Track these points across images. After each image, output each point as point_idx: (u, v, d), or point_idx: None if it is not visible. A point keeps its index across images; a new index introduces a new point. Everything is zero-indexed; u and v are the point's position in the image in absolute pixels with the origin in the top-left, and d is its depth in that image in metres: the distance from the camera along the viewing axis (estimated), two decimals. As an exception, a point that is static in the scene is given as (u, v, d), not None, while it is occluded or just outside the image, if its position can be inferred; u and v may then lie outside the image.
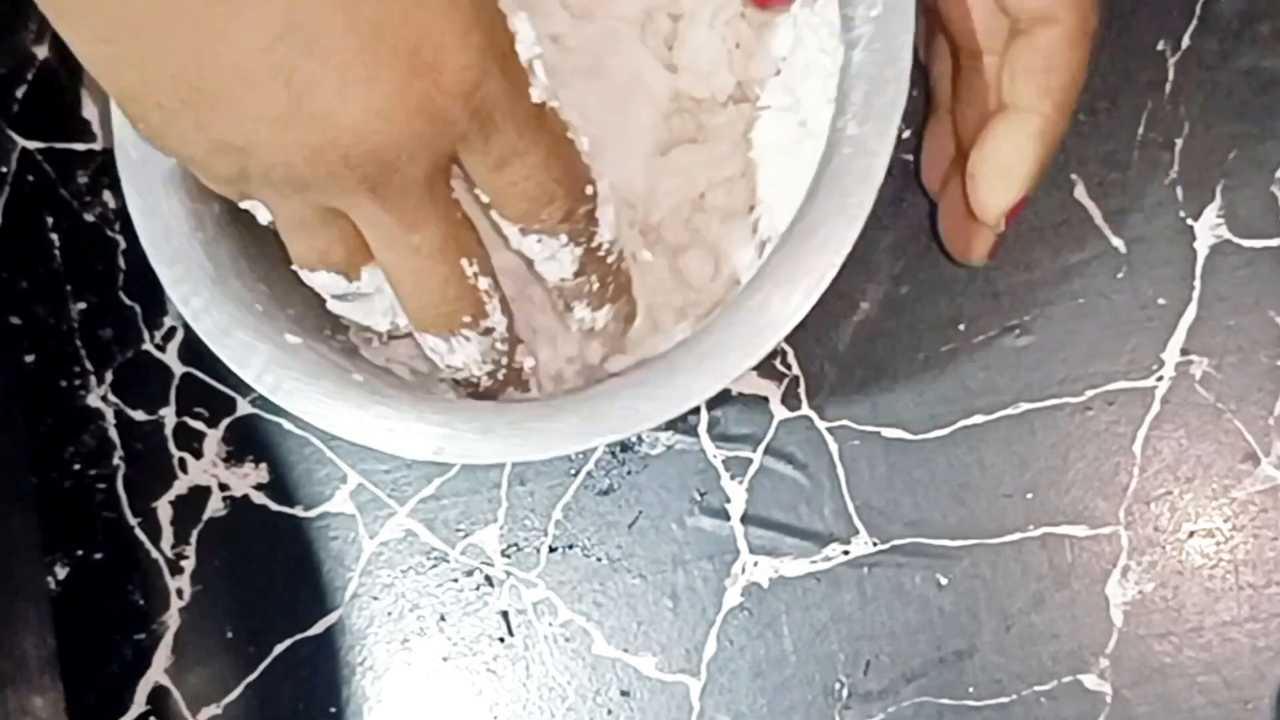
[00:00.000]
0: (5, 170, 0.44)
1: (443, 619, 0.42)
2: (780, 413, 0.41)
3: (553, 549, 0.42)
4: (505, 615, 0.42)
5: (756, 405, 0.41)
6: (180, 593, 0.43)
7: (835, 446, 0.41)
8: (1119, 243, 0.40)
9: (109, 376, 0.44)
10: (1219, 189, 0.40)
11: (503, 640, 0.42)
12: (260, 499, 0.43)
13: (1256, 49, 0.40)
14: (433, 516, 0.42)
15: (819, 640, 0.41)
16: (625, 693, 0.41)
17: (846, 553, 0.41)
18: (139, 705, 0.43)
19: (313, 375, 0.32)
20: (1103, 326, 0.40)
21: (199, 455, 0.43)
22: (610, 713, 0.41)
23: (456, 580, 0.42)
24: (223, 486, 0.43)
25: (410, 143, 0.27)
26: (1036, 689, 0.40)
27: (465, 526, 0.42)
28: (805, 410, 0.41)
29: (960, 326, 0.41)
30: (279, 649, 0.42)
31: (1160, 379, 0.40)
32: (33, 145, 0.44)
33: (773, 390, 0.41)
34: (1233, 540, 0.39)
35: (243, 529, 0.43)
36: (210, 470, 0.43)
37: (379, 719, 0.42)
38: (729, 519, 0.41)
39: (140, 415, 0.43)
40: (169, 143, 0.28)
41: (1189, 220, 0.40)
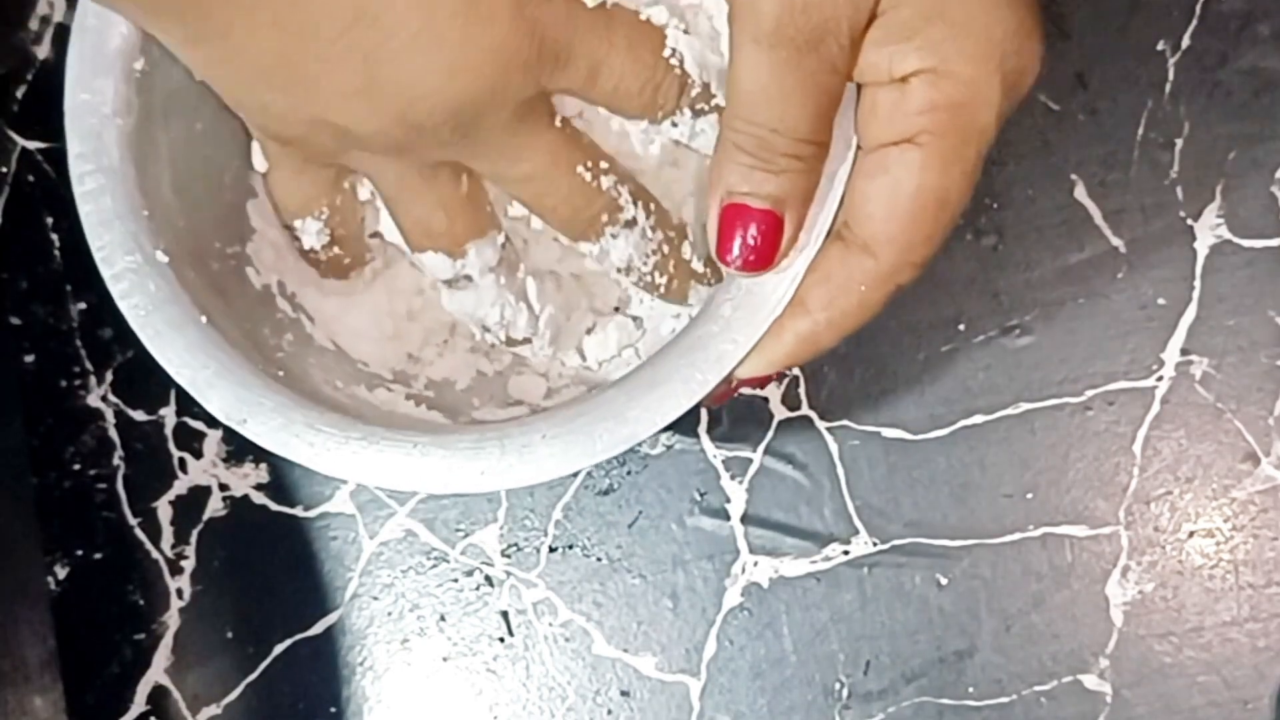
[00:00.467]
0: (5, 170, 0.44)
1: (443, 619, 0.42)
2: (780, 413, 0.41)
3: (553, 549, 0.42)
4: (505, 615, 0.42)
5: (756, 405, 0.41)
6: (180, 593, 0.43)
7: (835, 446, 0.41)
8: (1119, 243, 0.40)
9: (109, 376, 0.44)
10: (1219, 189, 0.40)
11: (503, 640, 0.42)
12: (260, 499, 0.43)
13: (1256, 49, 0.40)
14: (433, 516, 0.42)
15: (819, 640, 0.41)
16: (625, 693, 0.41)
17: (846, 553, 0.41)
18: (139, 705, 0.43)
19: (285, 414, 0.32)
20: (1103, 326, 0.40)
21: (199, 455, 0.43)
22: (610, 713, 0.41)
23: (456, 580, 0.42)
24: (223, 486, 0.43)
25: (486, 91, 0.28)
26: (1036, 689, 0.40)
27: (465, 526, 0.42)
28: (805, 410, 0.41)
29: (960, 326, 0.41)
30: (279, 649, 0.42)
31: (1160, 379, 0.40)
32: (33, 145, 0.44)
33: (773, 390, 0.41)
34: (1233, 540, 0.39)
35: (243, 529, 0.43)
36: (210, 470, 0.43)
37: (379, 719, 0.42)
38: (729, 519, 0.41)
39: (140, 415, 0.43)
40: (272, 126, 0.31)
41: (1189, 220, 0.40)
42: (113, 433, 0.43)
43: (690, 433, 0.41)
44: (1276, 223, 0.40)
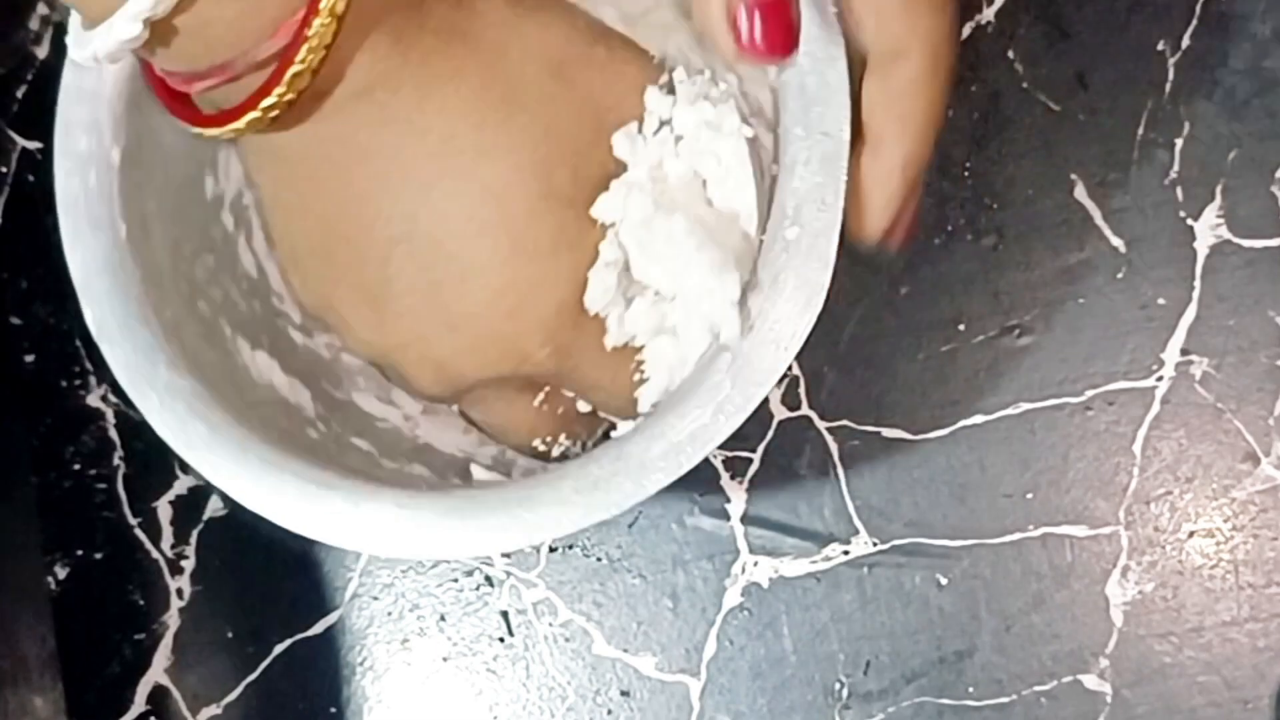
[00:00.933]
0: (5, 170, 0.44)
1: (443, 619, 0.42)
2: (780, 413, 0.41)
3: (553, 549, 0.42)
4: (505, 615, 0.42)
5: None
6: (180, 593, 0.43)
7: (835, 446, 0.41)
8: (1119, 243, 0.40)
9: (109, 376, 0.43)
10: (1219, 189, 0.40)
11: (503, 640, 0.42)
12: (260, 499, 0.43)
13: (1256, 49, 0.40)
14: (433, 516, 0.42)
15: (819, 640, 0.41)
16: (625, 693, 0.41)
17: (846, 553, 0.41)
18: (139, 705, 0.43)
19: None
20: (1103, 326, 0.40)
21: (199, 455, 0.43)
22: (610, 713, 0.41)
23: (456, 580, 0.42)
24: (223, 486, 0.43)
25: (486, 361, 0.29)
26: (1036, 689, 0.40)
27: (465, 526, 0.42)
28: (805, 410, 0.41)
29: (960, 326, 0.41)
30: (279, 649, 0.42)
31: (1160, 379, 0.40)
32: (33, 145, 0.44)
33: (773, 390, 0.41)
34: (1233, 540, 0.39)
35: (243, 529, 0.43)
36: (210, 470, 0.43)
37: (379, 719, 0.42)
38: (729, 519, 0.41)
39: (140, 415, 0.43)
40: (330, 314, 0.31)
41: (1189, 220, 0.40)
42: (113, 432, 0.43)
43: (690, 433, 0.41)
44: (1276, 223, 0.40)
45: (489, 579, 0.42)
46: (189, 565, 0.43)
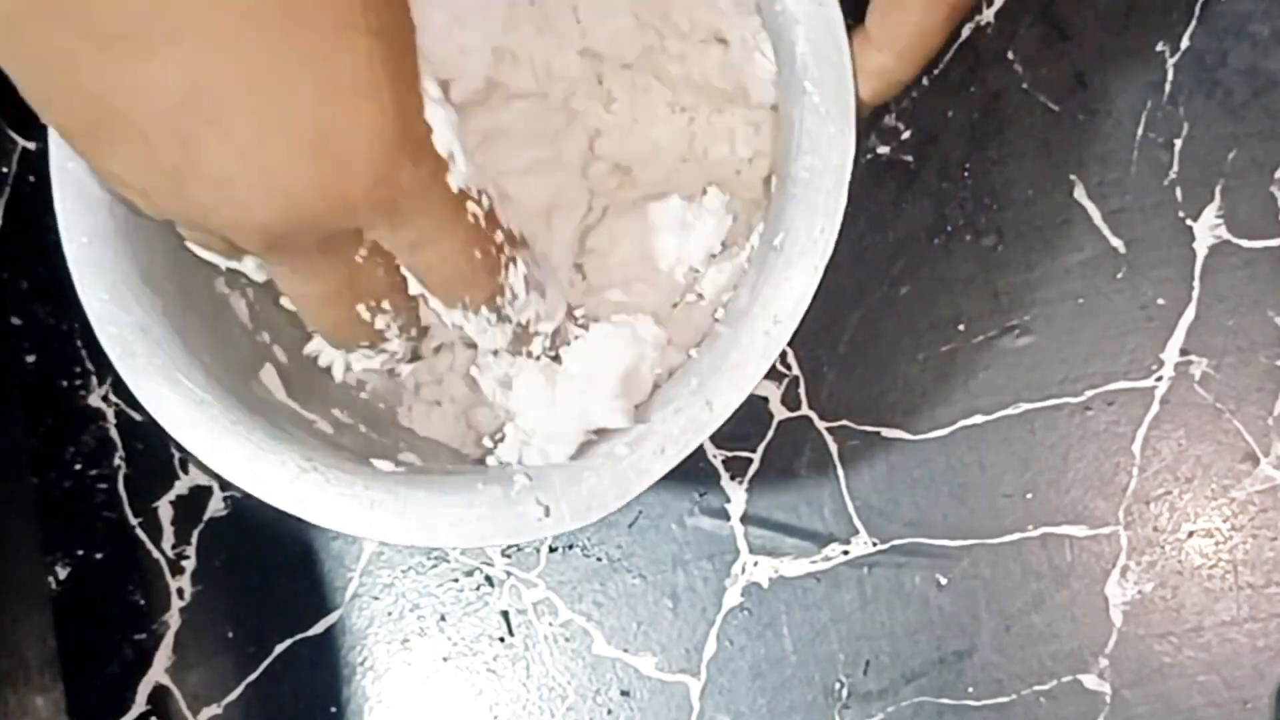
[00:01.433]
0: (6, 170, 0.44)
1: (443, 619, 0.42)
2: (780, 413, 0.41)
3: (553, 549, 0.42)
4: (505, 615, 0.42)
5: (756, 405, 0.41)
6: (181, 593, 0.43)
7: (835, 446, 0.41)
8: (1119, 243, 0.40)
9: (110, 377, 0.44)
10: (1218, 189, 0.40)
11: (503, 640, 0.42)
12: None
13: (1256, 50, 0.40)
14: (433, 516, 0.42)
15: (819, 640, 0.41)
16: (625, 693, 0.41)
17: (846, 553, 0.41)
18: (140, 705, 0.43)
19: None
20: (1102, 326, 0.40)
21: (199, 455, 0.43)
22: (610, 713, 0.41)
23: (457, 580, 0.42)
24: (223, 486, 0.43)
25: (302, 221, 0.27)
26: (1036, 689, 0.40)
27: (465, 526, 0.42)
28: (805, 410, 0.41)
29: (960, 326, 0.41)
30: (279, 649, 0.42)
31: (1160, 379, 0.40)
32: (33, 145, 0.44)
33: (773, 390, 0.41)
34: (1232, 540, 0.39)
35: (243, 529, 0.43)
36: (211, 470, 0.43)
37: (379, 719, 0.42)
38: (729, 519, 0.41)
39: (141, 415, 0.43)
40: (91, 158, 0.28)
41: (1188, 220, 0.40)
42: (113, 433, 0.43)
43: (690, 433, 0.41)
44: (1276, 223, 0.40)
45: (489, 579, 0.42)
46: (190, 565, 0.43)
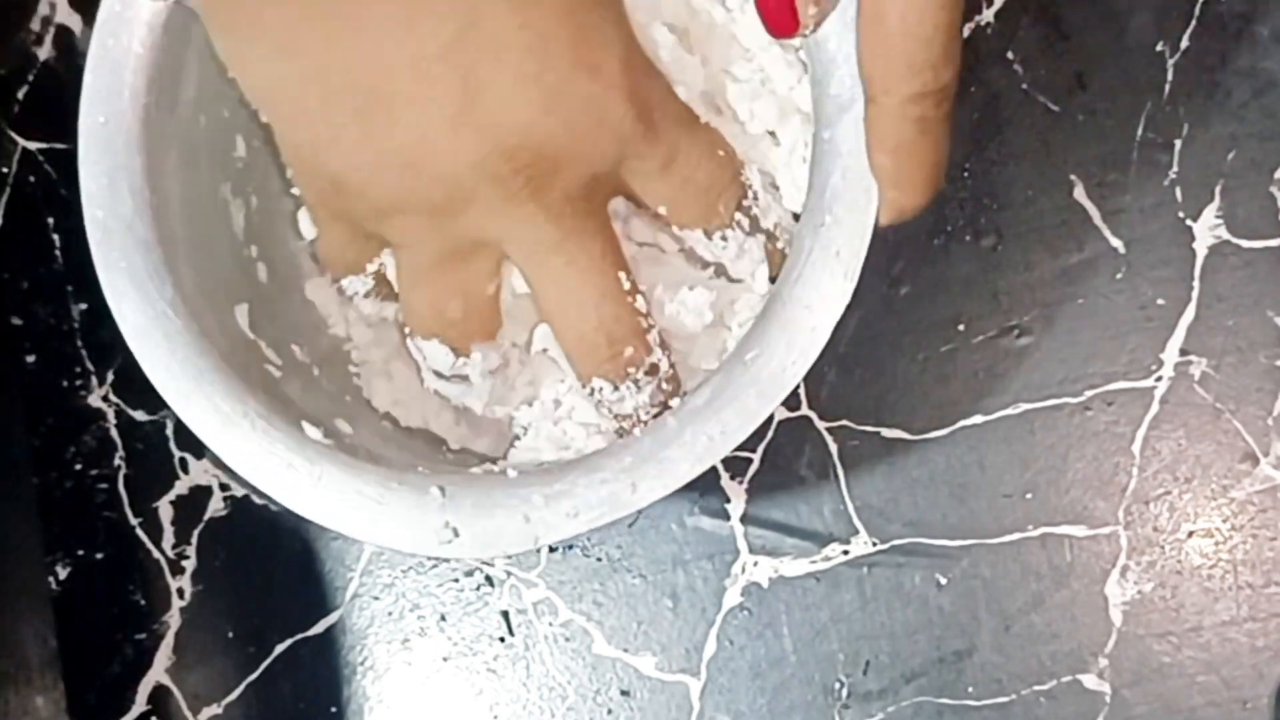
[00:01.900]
0: (6, 171, 0.44)
1: (443, 619, 0.42)
2: (780, 413, 0.41)
3: (553, 549, 0.42)
4: (505, 615, 0.42)
5: (756, 405, 0.41)
6: (181, 592, 0.43)
7: (835, 446, 0.41)
8: (1118, 243, 0.40)
9: (110, 377, 0.44)
10: (1218, 189, 0.40)
11: (503, 640, 0.42)
12: (261, 499, 0.43)
13: (1255, 50, 0.40)
14: (433, 516, 0.42)
15: (819, 640, 0.41)
16: (625, 692, 0.41)
17: (846, 553, 0.41)
18: (140, 705, 0.43)
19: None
20: (1102, 327, 0.40)
21: (200, 455, 0.43)
22: (610, 712, 0.41)
23: (457, 580, 0.42)
24: (224, 486, 0.43)
25: (576, 142, 0.28)
26: (1036, 689, 0.40)
27: (466, 526, 0.42)
28: (805, 410, 0.41)
29: (960, 326, 0.41)
30: (279, 649, 0.42)
31: (1159, 379, 0.40)
32: (33, 146, 0.44)
33: (772, 390, 0.41)
34: (1231, 540, 0.40)
35: (244, 529, 0.43)
36: (211, 470, 0.43)
37: (379, 719, 0.42)
38: (729, 519, 0.41)
39: (141, 415, 0.43)
40: (333, 162, 0.29)
41: (1188, 221, 0.40)
42: (114, 433, 0.43)
43: (690, 433, 0.41)
44: (1275, 223, 0.40)
45: (489, 579, 0.42)
46: (190, 565, 0.43)
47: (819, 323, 0.30)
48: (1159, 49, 0.40)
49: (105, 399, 0.44)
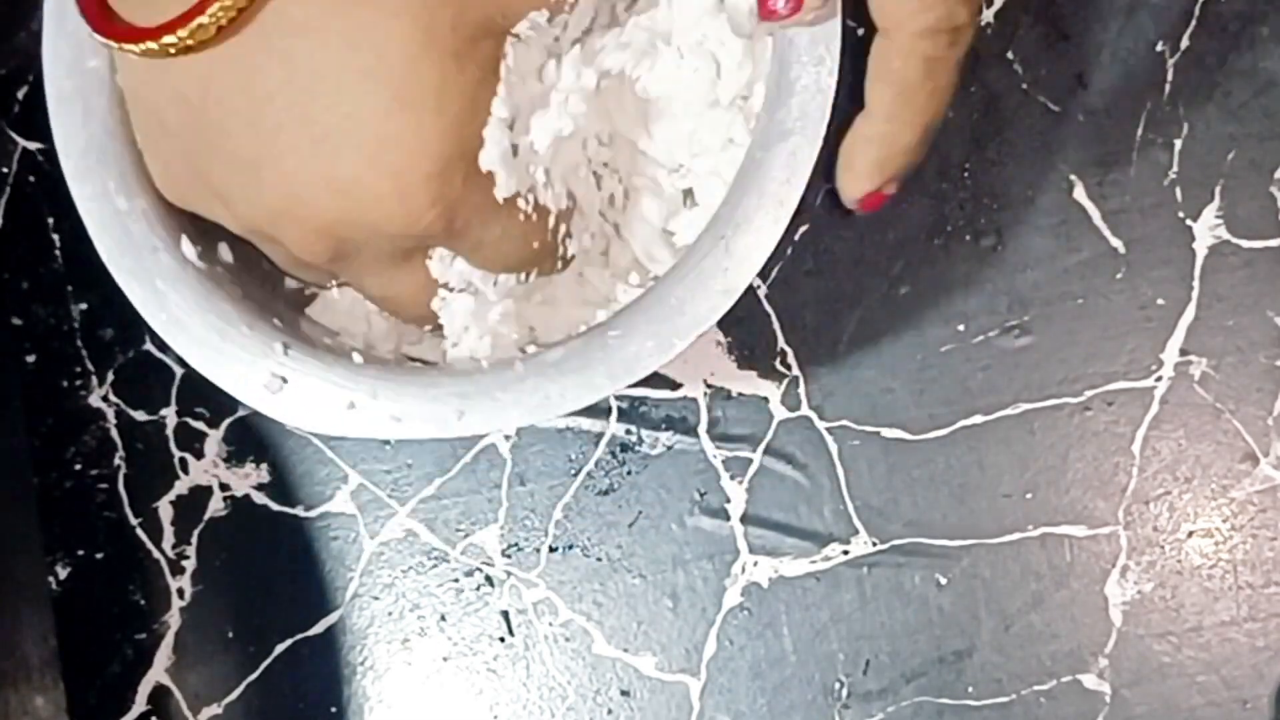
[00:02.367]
0: (6, 171, 0.44)
1: (443, 619, 0.42)
2: (780, 413, 0.41)
3: (553, 549, 0.42)
4: (505, 615, 0.42)
5: (756, 405, 0.41)
6: (181, 592, 0.43)
7: (835, 446, 0.41)
8: (1118, 243, 0.40)
9: (110, 377, 0.44)
10: (1218, 189, 0.40)
11: (503, 640, 0.42)
12: (261, 499, 0.43)
13: (1256, 50, 0.40)
14: (433, 516, 0.42)
15: (819, 640, 0.41)
16: (625, 692, 0.41)
17: (846, 553, 0.41)
18: (140, 705, 0.43)
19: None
20: (1102, 327, 0.40)
21: (200, 455, 0.43)
22: (610, 712, 0.41)
23: (457, 580, 0.42)
24: (224, 486, 0.43)
25: (363, 225, 0.28)
26: (1036, 689, 0.40)
27: (466, 526, 0.42)
28: (805, 410, 0.41)
29: (960, 326, 0.41)
30: (280, 649, 0.42)
31: (1159, 379, 0.40)
32: (33, 145, 0.44)
33: (773, 390, 0.41)
34: (1231, 540, 0.40)
35: (244, 529, 0.43)
36: (211, 470, 0.43)
37: (379, 719, 0.42)
38: (729, 519, 0.41)
39: (141, 415, 0.43)
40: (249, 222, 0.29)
41: (1188, 221, 0.40)
42: (114, 433, 0.43)
43: (690, 433, 0.41)
44: (1275, 223, 0.40)
45: (489, 579, 0.42)
46: (190, 565, 0.43)
47: (679, 328, 0.30)
48: (1159, 49, 0.40)
49: (105, 399, 0.44)
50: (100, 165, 0.31)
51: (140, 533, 0.43)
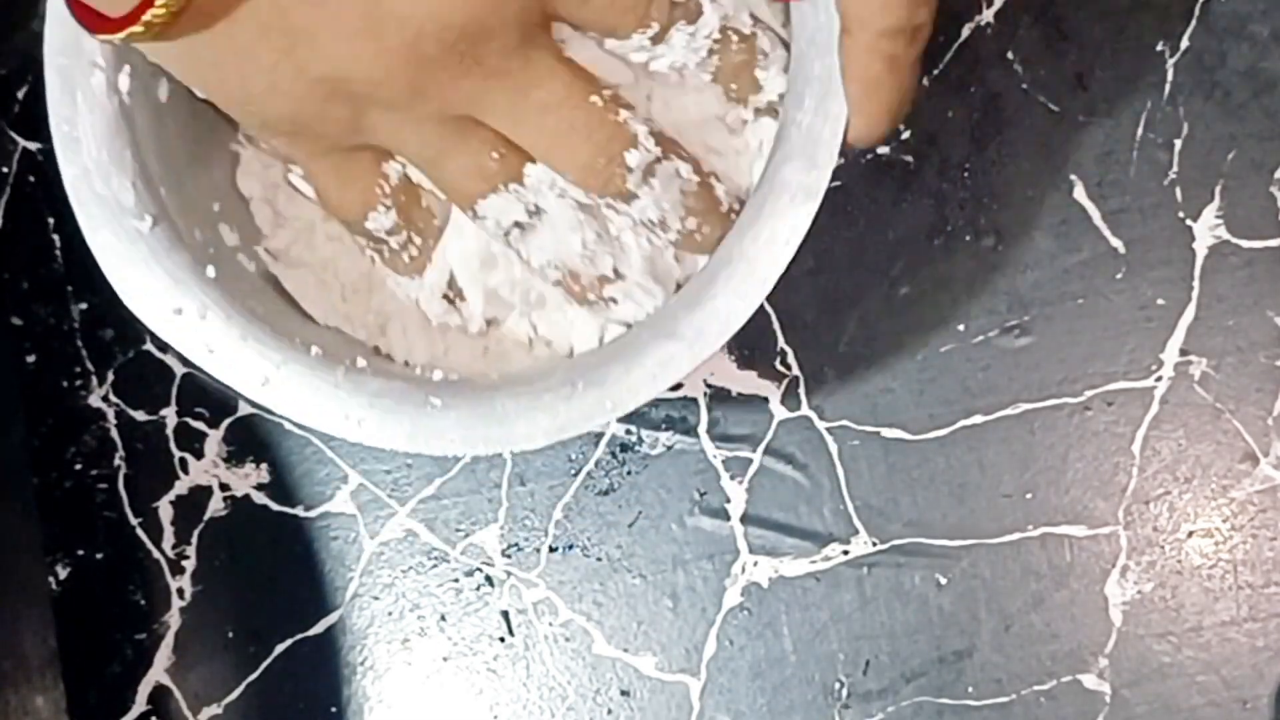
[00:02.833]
0: (6, 171, 0.44)
1: (443, 619, 0.42)
2: (780, 413, 0.41)
3: (553, 549, 0.42)
4: (505, 615, 0.42)
5: (756, 405, 0.41)
6: (181, 592, 0.43)
7: (835, 446, 0.41)
8: (1118, 243, 0.40)
9: (110, 377, 0.44)
10: (1218, 189, 0.40)
11: (503, 640, 0.42)
12: (261, 499, 0.43)
13: (1255, 50, 0.40)
14: (433, 516, 0.42)
15: (819, 640, 0.41)
16: (625, 692, 0.41)
17: (846, 553, 0.41)
18: (140, 705, 0.43)
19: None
20: (1102, 327, 0.40)
21: (200, 455, 0.43)
22: (610, 712, 0.41)
23: (457, 580, 0.42)
24: (224, 487, 0.43)
25: (490, 8, 0.28)
26: (1036, 689, 0.40)
27: (466, 526, 0.42)
28: (805, 410, 0.41)
29: (960, 326, 0.41)
30: (280, 649, 0.42)
31: (1159, 379, 0.40)
32: (34, 146, 0.44)
33: (773, 390, 0.41)
34: (1231, 540, 0.40)
35: (244, 529, 0.43)
36: (211, 470, 0.43)
37: (379, 718, 0.42)
38: (729, 519, 0.41)
39: (141, 415, 0.43)
40: (285, 107, 0.29)
41: (1188, 221, 0.40)
42: (114, 433, 0.43)
43: (690, 433, 0.41)
44: (1275, 223, 0.40)
45: (489, 579, 0.42)
46: (190, 565, 0.43)
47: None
48: (1159, 49, 0.40)
49: (105, 399, 0.44)
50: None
51: (140, 533, 0.43)
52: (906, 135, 0.41)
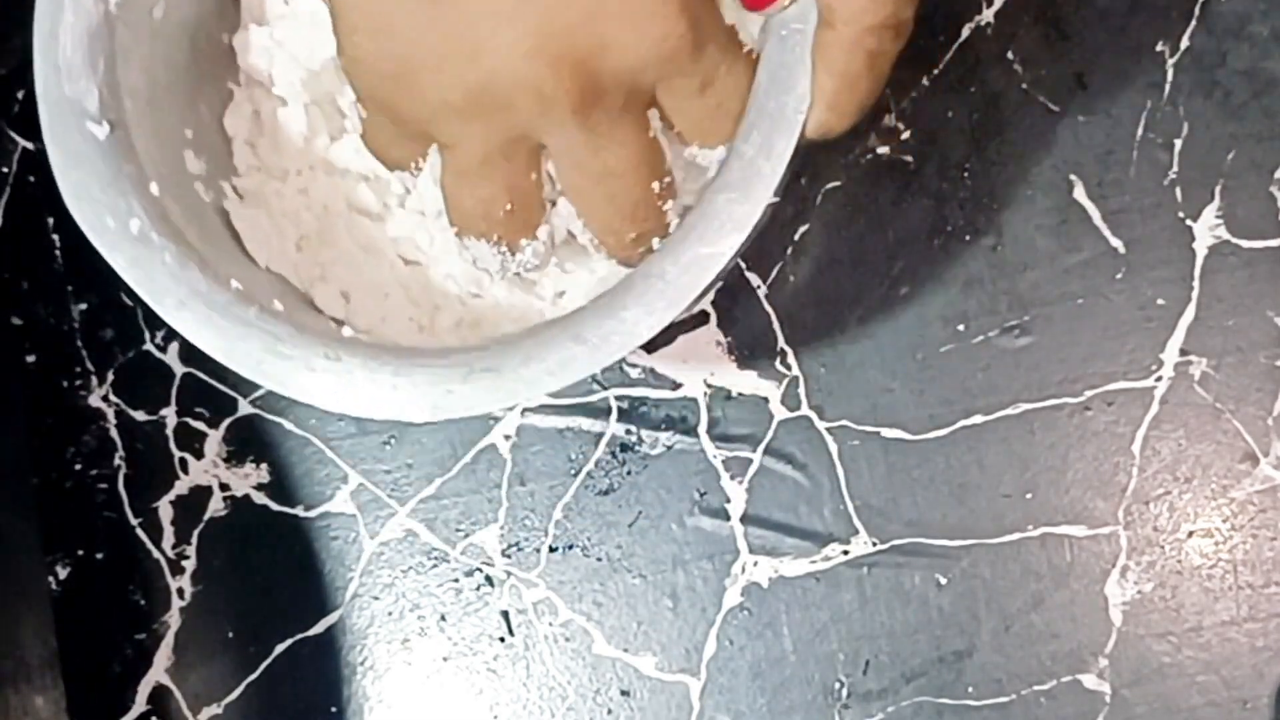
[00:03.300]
0: (6, 171, 0.44)
1: (443, 619, 0.42)
2: (780, 413, 0.41)
3: (553, 549, 0.42)
4: (505, 615, 0.42)
5: (756, 405, 0.41)
6: (181, 592, 0.43)
7: (835, 446, 0.41)
8: (1118, 243, 0.40)
9: (110, 376, 0.44)
10: (1218, 189, 0.40)
11: (503, 640, 0.42)
12: (261, 499, 0.43)
13: (1255, 50, 0.40)
14: (433, 516, 0.42)
15: (819, 640, 0.41)
16: (625, 692, 0.41)
17: (846, 553, 0.41)
18: (140, 705, 0.43)
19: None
20: (1102, 327, 0.40)
21: (200, 455, 0.43)
22: (610, 712, 0.41)
23: (457, 580, 0.42)
24: (224, 486, 0.43)
25: (622, 54, 0.28)
26: (1036, 689, 0.40)
27: (465, 526, 0.42)
28: (805, 410, 0.41)
29: (960, 326, 0.41)
30: (280, 649, 0.42)
31: (1159, 379, 0.40)
32: (33, 146, 0.44)
33: (773, 390, 0.41)
34: (1231, 540, 0.40)
35: (243, 529, 0.43)
36: (211, 470, 0.43)
37: (379, 719, 0.42)
38: (729, 519, 0.41)
39: (141, 415, 0.43)
40: (397, 47, 0.29)
41: (1188, 221, 0.40)
42: (114, 433, 0.43)
43: (690, 433, 0.41)
44: (1275, 223, 0.40)
45: (489, 579, 0.42)
46: (190, 565, 0.43)
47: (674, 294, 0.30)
48: (1159, 49, 0.40)
49: (105, 399, 0.44)
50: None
51: (140, 533, 0.43)
52: (906, 135, 0.41)
